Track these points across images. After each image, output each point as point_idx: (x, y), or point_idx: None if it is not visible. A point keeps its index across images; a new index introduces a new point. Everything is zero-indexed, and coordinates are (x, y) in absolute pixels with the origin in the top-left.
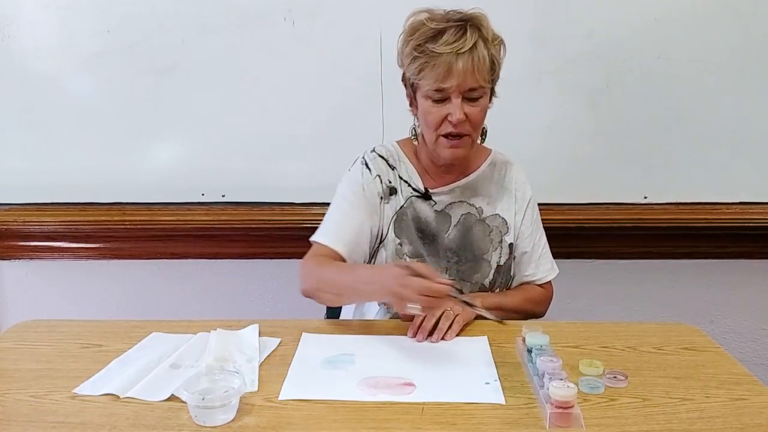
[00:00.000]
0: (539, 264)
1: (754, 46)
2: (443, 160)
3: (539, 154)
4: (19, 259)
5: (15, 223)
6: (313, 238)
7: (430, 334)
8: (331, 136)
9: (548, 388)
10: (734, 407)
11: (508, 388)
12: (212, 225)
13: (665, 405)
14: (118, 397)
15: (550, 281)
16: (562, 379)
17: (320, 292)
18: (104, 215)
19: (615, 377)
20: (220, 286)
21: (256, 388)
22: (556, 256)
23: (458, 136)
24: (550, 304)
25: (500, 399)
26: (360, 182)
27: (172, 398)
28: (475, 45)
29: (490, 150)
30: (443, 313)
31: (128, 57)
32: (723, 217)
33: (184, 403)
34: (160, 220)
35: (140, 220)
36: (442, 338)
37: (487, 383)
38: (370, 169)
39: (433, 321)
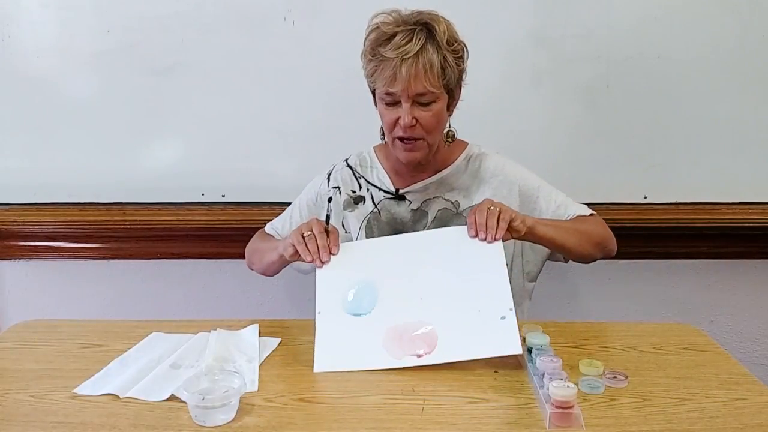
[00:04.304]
0: (567, 208)
1: (754, 46)
2: (402, 161)
3: (539, 155)
4: (19, 259)
5: (15, 223)
6: (267, 225)
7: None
8: (331, 136)
9: (548, 388)
10: (734, 407)
11: (508, 388)
12: (212, 225)
13: (665, 405)
14: (118, 397)
15: (593, 214)
16: (562, 379)
17: (247, 259)
18: (104, 215)
19: (615, 377)
20: (220, 286)
21: (256, 388)
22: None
23: (411, 139)
24: (608, 230)
25: (517, 348)
26: (316, 192)
27: (172, 398)
28: (421, 50)
29: (467, 144)
30: (488, 210)
31: (128, 57)
32: (723, 217)
33: (184, 403)
34: (160, 220)
35: (140, 220)
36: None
37: (503, 317)
38: (329, 182)
39: (484, 216)
